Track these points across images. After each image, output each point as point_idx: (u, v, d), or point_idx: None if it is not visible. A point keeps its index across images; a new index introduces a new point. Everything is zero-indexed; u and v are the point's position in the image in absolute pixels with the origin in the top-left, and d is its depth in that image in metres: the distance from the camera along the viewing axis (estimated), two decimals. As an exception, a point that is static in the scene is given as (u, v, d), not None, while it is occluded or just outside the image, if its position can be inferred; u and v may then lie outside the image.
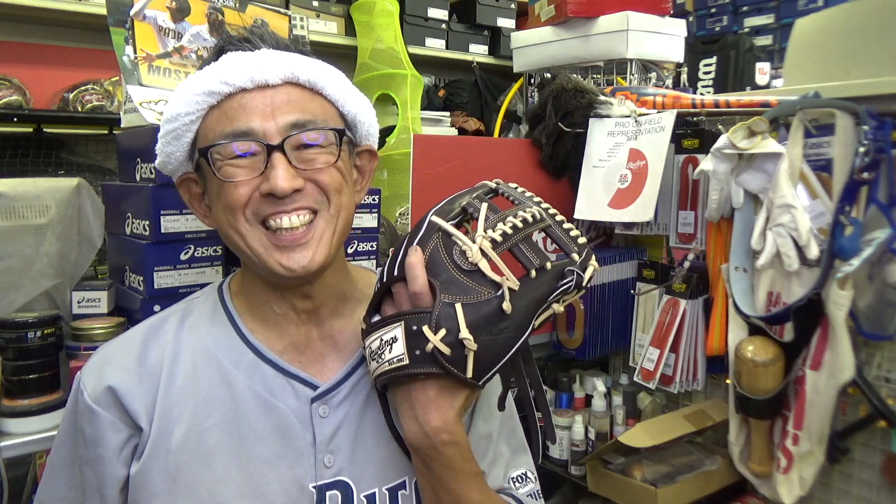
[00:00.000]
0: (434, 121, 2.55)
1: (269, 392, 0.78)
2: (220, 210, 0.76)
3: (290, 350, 0.81)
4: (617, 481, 1.37)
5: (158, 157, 0.81)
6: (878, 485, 1.23)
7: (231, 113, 0.74)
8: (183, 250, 1.13)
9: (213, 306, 0.83)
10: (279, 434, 0.77)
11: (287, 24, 1.46)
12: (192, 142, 0.78)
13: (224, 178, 0.74)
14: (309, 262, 0.74)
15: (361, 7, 2.39)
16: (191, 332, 0.81)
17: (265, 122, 0.73)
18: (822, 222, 1.21)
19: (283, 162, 0.73)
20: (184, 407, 0.76)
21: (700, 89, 2.77)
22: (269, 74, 0.74)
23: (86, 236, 1.33)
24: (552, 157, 1.56)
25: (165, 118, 0.78)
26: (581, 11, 1.81)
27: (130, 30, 1.19)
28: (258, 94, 0.74)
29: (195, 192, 0.83)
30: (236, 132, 0.73)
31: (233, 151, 0.74)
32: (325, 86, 0.78)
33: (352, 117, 0.82)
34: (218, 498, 0.74)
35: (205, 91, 0.74)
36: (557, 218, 0.78)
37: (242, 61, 0.75)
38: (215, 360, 0.79)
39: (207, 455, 0.75)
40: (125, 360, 0.78)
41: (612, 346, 1.59)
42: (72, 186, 1.29)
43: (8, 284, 1.22)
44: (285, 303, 0.81)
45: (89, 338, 1.11)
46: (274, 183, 0.72)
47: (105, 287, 1.21)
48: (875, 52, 1.30)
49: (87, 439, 0.76)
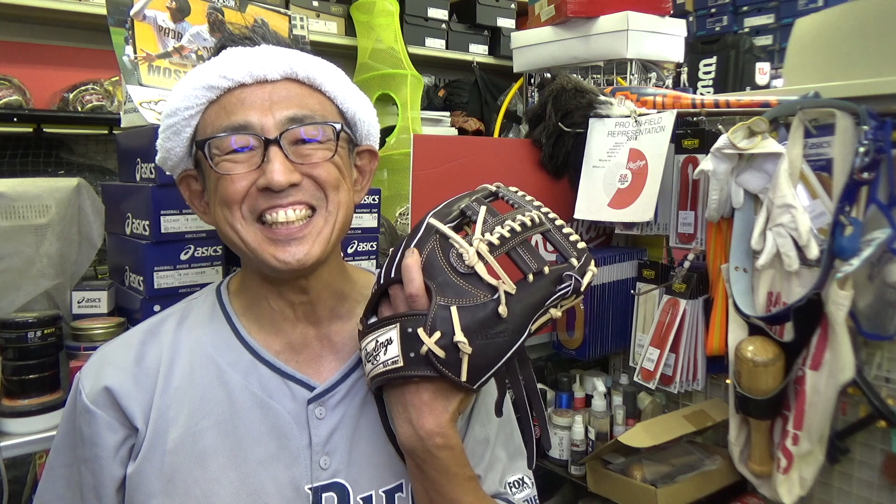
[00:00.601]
0: (434, 121, 2.55)
1: (266, 393, 0.78)
2: (216, 205, 0.76)
3: (287, 351, 0.81)
4: (617, 481, 1.37)
5: (159, 154, 0.81)
6: (878, 485, 1.23)
7: (229, 107, 0.74)
8: (183, 250, 1.13)
9: (211, 307, 0.83)
10: (275, 435, 0.77)
11: (287, 24, 1.46)
12: (192, 137, 0.78)
13: (221, 171, 0.74)
14: (305, 255, 0.74)
15: (361, 7, 2.39)
16: (189, 332, 0.81)
17: (263, 117, 0.73)
18: (822, 222, 1.21)
19: (280, 156, 0.73)
20: (180, 408, 0.76)
21: (700, 89, 2.77)
22: (268, 70, 0.75)
23: (86, 236, 1.33)
24: (552, 157, 1.56)
25: (165, 113, 0.78)
26: (581, 11, 1.81)
27: (130, 30, 1.19)
28: (257, 88, 0.75)
29: (195, 190, 0.83)
30: (234, 125, 0.73)
31: (230, 146, 0.73)
32: (324, 82, 0.79)
33: (351, 115, 0.82)
34: (213, 499, 0.74)
35: (204, 85, 0.75)
36: (557, 222, 0.78)
37: (242, 56, 0.75)
38: (212, 360, 0.78)
39: (203, 456, 0.75)
40: (122, 360, 0.78)
41: (612, 346, 1.59)
42: (72, 186, 1.29)
43: (8, 284, 1.21)
44: (282, 300, 0.80)
45: (89, 338, 1.11)
46: (270, 177, 0.71)
47: (105, 287, 1.21)
48: (875, 52, 1.30)
49: (85, 439, 0.76)
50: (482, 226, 0.74)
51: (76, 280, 1.32)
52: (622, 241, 1.71)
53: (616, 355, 1.73)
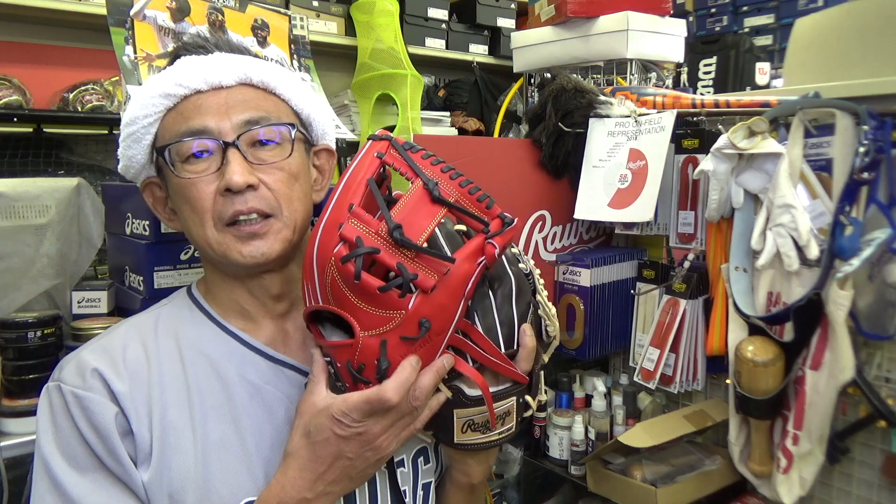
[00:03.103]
0: (434, 121, 2.55)
1: (264, 380, 0.79)
2: (185, 211, 0.77)
3: (273, 341, 0.82)
4: (617, 481, 1.37)
5: (121, 162, 0.82)
6: (878, 485, 1.23)
7: (186, 113, 0.76)
8: (183, 250, 1.13)
9: (188, 309, 0.83)
10: (278, 421, 0.78)
11: (287, 24, 1.46)
12: (152, 145, 0.79)
13: (184, 177, 0.75)
14: (269, 249, 0.76)
15: (361, 7, 2.39)
16: (170, 335, 0.80)
17: (220, 121, 0.75)
18: (822, 222, 1.21)
19: (238, 157, 0.74)
20: (181, 407, 0.75)
21: (700, 89, 2.77)
22: (223, 76, 0.77)
23: (86, 236, 1.33)
24: (552, 157, 1.56)
25: (124, 122, 0.80)
26: (581, 11, 1.81)
27: (130, 30, 1.19)
28: (213, 94, 0.76)
29: (158, 197, 0.84)
30: (192, 130, 0.75)
31: (189, 151, 0.75)
32: (278, 85, 0.81)
33: (305, 115, 0.84)
34: (237, 492, 0.74)
35: (161, 94, 0.76)
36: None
37: (196, 64, 0.77)
38: (203, 355, 0.79)
39: (216, 449, 0.74)
40: (107, 357, 0.75)
41: (612, 346, 1.59)
42: (72, 186, 1.29)
43: (8, 284, 1.22)
44: (254, 300, 0.82)
45: (89, 338, 1.11)
46: (229, 178, 0.73)
47: (105, 287, 1.22)
48: (875, 52, 1.29)
49: (87, 437, 0.72)
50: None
51: (76, 280, 1.32)
52: (622, 241, 1.71)
53: (616, 355, 1.73)
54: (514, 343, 0.75)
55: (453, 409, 0.74)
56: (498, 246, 0.69)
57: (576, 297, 1.53)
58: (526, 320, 0.76)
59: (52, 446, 0.72)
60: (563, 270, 1.57)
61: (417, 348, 0.68)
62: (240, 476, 0.74)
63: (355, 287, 0.65)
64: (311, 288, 0.70)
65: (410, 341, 0.67)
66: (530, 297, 0.78)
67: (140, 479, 0.72)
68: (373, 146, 0.73)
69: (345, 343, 0.68)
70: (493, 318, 0.73)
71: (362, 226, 0.66)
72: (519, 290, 0.76)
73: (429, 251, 0.66)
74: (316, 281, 0.68)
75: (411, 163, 0.72)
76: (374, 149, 0.73)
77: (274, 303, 0.83)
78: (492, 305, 0.73)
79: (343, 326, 0.73)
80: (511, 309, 0.75)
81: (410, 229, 0.66)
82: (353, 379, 0.69)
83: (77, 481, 0.71)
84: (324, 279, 0.67)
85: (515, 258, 0.79)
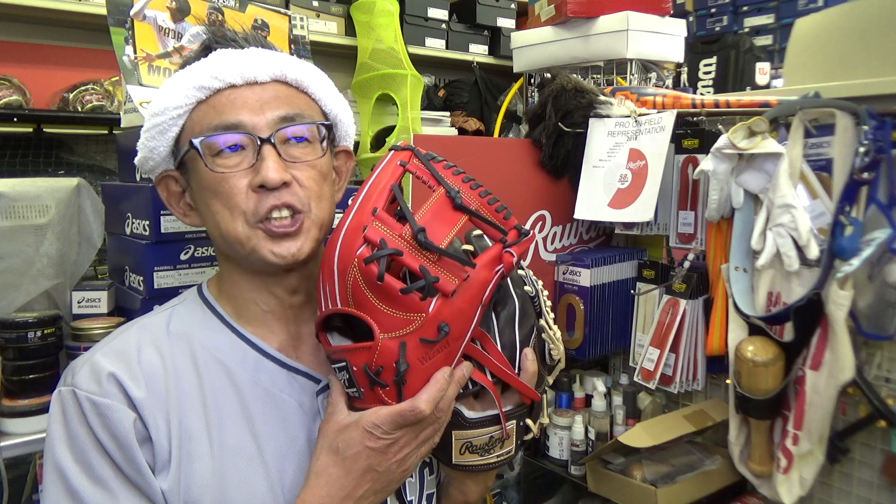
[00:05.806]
0: (434, 121, 2.55)
1: (277, 388, 0.78)
2: (216, 206, 0.76)
3: (285, 347, 0.82)
4: (617, 481, 1.37)
5: (139, 154, 0.81)
6: (878, 485, 1.23)
7: (220, 107, 0.75)
8: (183, 250, 1.13)
9: (200, 311, 0.82)
10: (291, 428, 0.77)
11: (287, 24, 1.46)
12: (176, 137, 0.79)
13: (218, 171, 0.74)
14: (298, 250, 0.75)
15: (361, 7, 2.39)
16: (183, 339, 0.78)
17: (255, 116, 0.75)
18: (822, 222, 1.21)
19: (273, 154, 0.74)
20: (198, 414, 0.74)
21: (700, 89, 2.76)
22: (259, 71, 0.76)
23: (86, 236, 1.33)
24: (552, 157, 1.56)
25: (151, 112, 0.79)
26: (581, 11, 1.81)
27: (130, 30, 1.19)
28: (247, 90, 0.76)
29: (174, 191, 0.83)
30: (226, 125, 0.74)
31: (219, 146, 0.74)
32: (311, 84, 0.81)
33: (333, 116, 0.84)
34: (252, 500, 0.73)
35: (195, 85, 0.75)
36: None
37: (233, 58, 0.76)
38: (217, 362, 0.78)
39: (232, 456, 0.74)
40: (121, 361, 0.74)
41: (612, 346, 1.59)
42: (72, 186, 1.29)
43: (8, 284, 1.22)
44: (273, 298, 0.81)
45: (89, 338, 1.11)
46: (265, 174, 0.73)
47: (105, 287, 1.21)
48: (875, 52, 1.29)
49: (105, 444, 0.71)
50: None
51: (76, 280, 1.32)
52: (622, 241, 1.71)
53: (616, 355, 1.73)
54: (516, 367, 0.76)
55: (451, 431, 0.75)
56: (516, 255, 0.71)
57: (576, 297, 1.53)
58: (528, 344, 0.77)
59: (67, 454, 0.70)
60: (563, 270, 1.57)
61: (435, 353, 0.69)
62: (256, 484, 0.73)
63: (377, 288, 0.66)
64: (329, 290, 0.70)
65: (429, 344, 0.67)
66: (534, 320, 0.79)
67: (159, 487, 0.71)
68: (395, 155, 0.74)
69: (364, 345, 0.68)
70: (495, 341, 0.74)
71: (386, 229, 0.67)
72: (523, 313, 0.76)
73: (451, 254, 0.67)
74: (336, 283, 0.69)
75: (434, 171, 0.73)
76: (396, 158, 0.74)
77: (290, 295, 0.82)
78: (494, 328, 0.74)
79: (351, 336, 0.74)
80: (513, 332, 0.75)
81: (433, 234, 0.68)
82: (369, 382, 0.69)
83: (94, 491, 0.69)
84: (345, 281, 0.68)
85: (521, 280, 0.80)
